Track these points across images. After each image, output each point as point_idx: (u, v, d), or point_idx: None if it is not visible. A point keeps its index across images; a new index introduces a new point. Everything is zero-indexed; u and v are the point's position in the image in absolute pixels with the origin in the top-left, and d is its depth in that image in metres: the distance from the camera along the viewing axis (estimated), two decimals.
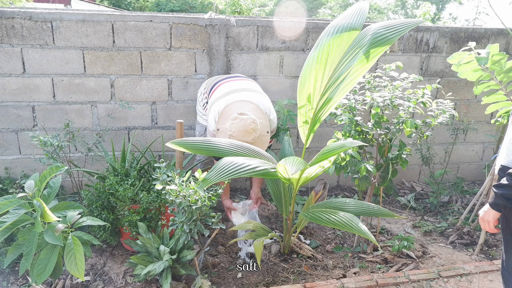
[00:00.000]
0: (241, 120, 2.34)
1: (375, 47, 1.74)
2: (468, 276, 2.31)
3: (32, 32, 2.75)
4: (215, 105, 2.53)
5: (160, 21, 2.91)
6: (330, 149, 1.91)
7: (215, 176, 1.81)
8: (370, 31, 1.82)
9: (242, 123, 2.33)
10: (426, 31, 3.36)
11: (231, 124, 2.34)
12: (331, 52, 1.89)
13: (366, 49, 1.76)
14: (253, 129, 2.34)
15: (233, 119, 2.35)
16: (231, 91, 2.59)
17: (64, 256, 1.80)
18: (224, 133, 2.38)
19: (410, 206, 3.29)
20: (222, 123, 2.40)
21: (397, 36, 1.74)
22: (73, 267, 1.77)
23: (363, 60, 1.77)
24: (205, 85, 2.84)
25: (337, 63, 1.90)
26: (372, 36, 1.78)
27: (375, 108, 2.28)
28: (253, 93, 2.60)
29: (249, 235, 2.37)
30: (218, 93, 2.63)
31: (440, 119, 2.29)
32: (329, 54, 1.89)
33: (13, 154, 2.98)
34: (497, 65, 2.41)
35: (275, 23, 3.11)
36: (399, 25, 1.78)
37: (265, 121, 2.45)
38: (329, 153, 1.90)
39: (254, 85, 2.77)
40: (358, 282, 2.20)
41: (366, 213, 2.24)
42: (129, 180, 2.39)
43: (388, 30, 1.77)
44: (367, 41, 1.78)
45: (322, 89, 1.95)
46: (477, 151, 3.84)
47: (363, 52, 1.76)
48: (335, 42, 1.87)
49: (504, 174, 1.52)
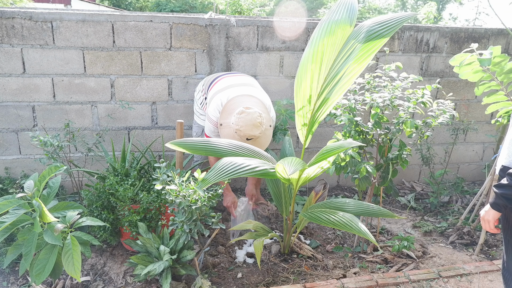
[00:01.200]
0: (248, 114, 2.30)
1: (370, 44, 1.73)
2: (468, 276, 2.31)
3: (32, 32, 2.75)
4: (217, 97, 2.49)
5: (160, 21, 2.91)
6: (328, 150, 1.91)
7: (214, 176, 1.81)
8: (364, 28, 1.80)
9: (249, 117, 2.29)
10: (426, 31, 3.36)
11: (237, 119, 2.30)
12: (326, 51, 1.87)
13: (361, 47, 1.74)
14: (260, 123, 2.32)
15: (239, 113, 2.31)
16: (232, 85, 2.56)
17: (62, 256, 1.80)
18: (228, 128, 2.35)
19: (410, 206, 3.29)
20: (226, 118, 2.37)
21: (392, 31, 1.72)
22: (70, 267, 1.77)
23: (359, 59, 1.75)
24: (203, 82, 2.81)
25: (332, 61, 1.88)
26: (366, 34, 1.76)
27: (375, 108, 2.28)
28: (254, 88, 2.59)
29: (249, 235, 2.37)
30: (218, 87, 2.59)
31: (441, 119, 2.29)
32: (324, 54, 1.88)
33: (13, 154, 2.98)
34: (498, 66, 2.42)
35: (275, 23, 3.11)
36: (393, 20, 1.76)
37: (268, 116, 2.43)
38: (328, 154, 1.90)
39: (253, 81, 2.76)
40: (358, 282, 2.20)
41: (366, 214, 2.24)
42: (129, 180, 2.39)
43: (382, 26, 1.75)
44: (361, 39, 1.76)
45: (318, 89, 1.95)
46: (477, 151, 3.84)
47: (358, 49, 1.75)
48: (329, 40, 1.86)
49: (504, 175, 1.52)
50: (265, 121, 2.36)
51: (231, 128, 2.34)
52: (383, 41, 1.72)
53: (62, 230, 1.81)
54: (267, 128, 2.39)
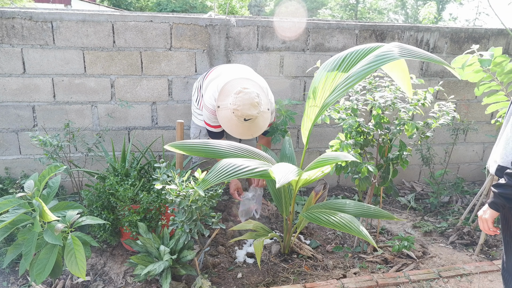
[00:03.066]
0: (246, 94, 2.30)
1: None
2: (468, 276, 2.31)
3: (32, 32, 2.75)
4: (213, 83, 2.50)
5: (161, 21, 2.91)
6: (324, 159, 1.94)
7: (214, 177, 1.81)
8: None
9: (247, 96, 2.30)
10: (426, 31, 3.36)
11: (235, 98, 2.31)
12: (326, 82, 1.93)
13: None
14: (258, 103, 2.33)
15: (236, 93, 2.31)
16: (228, 71, 2.58)
17: (64, 256, 1.80)
18: (226, 109, 2.35)
19: (410, 206, 3.29)
20: (223, 100, 2.37)
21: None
22: (74, 267, 1.77)
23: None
24: (199, 79, 2.83)
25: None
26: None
27: (377, 109, 2.28)
28: (251, 73, 2.62)
29: (249, 235, 2.37)
30: (213, 74, 2.61)
31: (441, 120, 2.29)
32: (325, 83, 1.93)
33: (13, 154, 2.98)
34: (498, 66, 2.43)
35: (275, 23, 3.11)
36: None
37: (266, 99, 2.44)
38: (323, 162, 1.93)
39: (248, 68, 2.79)
40: (358, 282, 2.20)
41: (366, 215, 2.24)
42: (129, 180, 2.40)
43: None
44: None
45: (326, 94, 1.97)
46: (477, 151, 3.84)
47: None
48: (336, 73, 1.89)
49: (501, 174, 1.53)
50: (263, 102, 2.38)
51: (228, 109, 2.34)
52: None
53: (62, 230, 1.81)
54: (265, 111, 2.40)
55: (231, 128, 2.41)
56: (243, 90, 2.31)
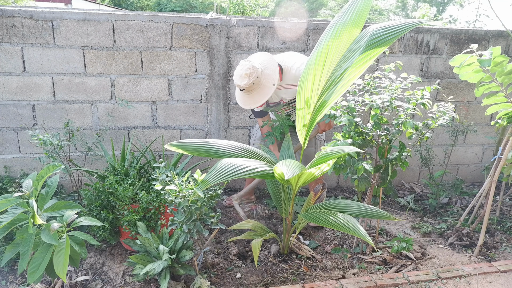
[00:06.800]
0: (240, 65, 2.43)
1: (372, 49, 1.71)
2: (467, 278, 2.31)
3: (32, 31, 2.75)
4: None
5: (161, 20, 2.91)
6: (327, 154, 1.91)
7: (213, 177, 1.81)
8: (368, 32, 1.79)
9: (239, 67, 2.42)
10: (426, 32, 3.36)
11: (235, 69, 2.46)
12: (330, 54, 1.87)
13: (362, 51, 1.73)
14: (248, 75, 2.39)
15: (238, 64, 2.45)
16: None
17: (54, 255, 1.79)
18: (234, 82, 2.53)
19: (410, 207, 3.29)
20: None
21: (395, 38, 1.70)
22: (59, 267, 1.76)
23: (357, 63, 1.74)
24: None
25: (335, 65, 1.88)
26: (369, 38, 1.75)
27: (375, 109, 2.28)
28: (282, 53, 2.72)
29: (248, 235, 2.37)
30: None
31: (441, 121, 2.29)
32: (328, 56, 1.88)
33: (13, 153, 2.98)
34: (498, 67, 2.41)
35: (275, 23, 3.11)
36: (398, 26, 1.74)
37: (273, 74, 2.48)
38: (326, 158, 1.90)
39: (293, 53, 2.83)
40: (357, 283, 2.20)
41: (365, 215, 2.23)
42: (129, 179, 2.39)
43: (386, 32, 1.74)
44: (363, 43, 1.75)
45: (319, 91, 1.95)
46: (476, 153, 3.84)
47: (359, 54, 1.74)
48: (334, 43, 1.85)
49: None
50: (263, 76, 2.45)
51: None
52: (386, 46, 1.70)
53: (59, 230, 1.81)
54: (265, 85, 2.46)
55: (236, 96, 2.65)
56: (242, 61, 2.43)
